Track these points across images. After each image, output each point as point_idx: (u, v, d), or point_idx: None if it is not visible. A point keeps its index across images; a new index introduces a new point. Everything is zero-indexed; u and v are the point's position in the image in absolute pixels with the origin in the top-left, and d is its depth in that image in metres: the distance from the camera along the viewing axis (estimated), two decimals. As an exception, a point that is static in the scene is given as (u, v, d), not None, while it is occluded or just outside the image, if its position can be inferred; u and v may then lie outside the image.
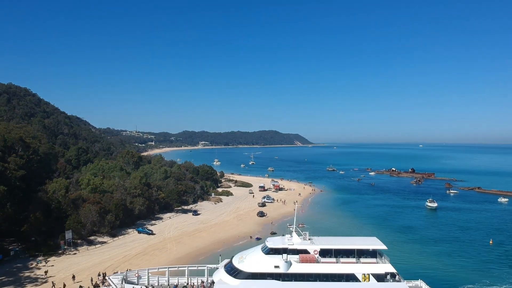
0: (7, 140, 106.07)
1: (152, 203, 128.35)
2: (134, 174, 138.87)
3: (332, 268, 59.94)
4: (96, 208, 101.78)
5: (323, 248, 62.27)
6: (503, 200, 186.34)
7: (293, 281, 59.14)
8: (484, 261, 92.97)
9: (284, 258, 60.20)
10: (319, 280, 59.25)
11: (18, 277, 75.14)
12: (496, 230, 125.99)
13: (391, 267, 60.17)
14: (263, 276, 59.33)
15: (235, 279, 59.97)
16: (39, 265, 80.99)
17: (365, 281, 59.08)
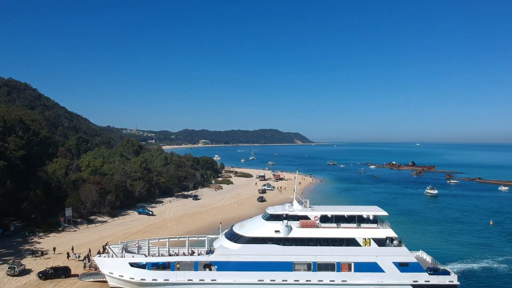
0: (7, 121, 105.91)
1: (152, 187, 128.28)
2: (134, 159, 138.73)
3: (332, 233, 59.91)
4: (97, 188, 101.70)
5: (323, 214, 62.18)
6: (503, 189, 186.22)
7: (294, 245, 59.11)
8: (485, 237, 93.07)
9: (284, 223, 60.11)
10: (319, 244, 59.23)
11: (18, 250, 75.15)
12: (496, 213, 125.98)
13: (392, 231, 60.10)
14: (263, 241, 59.29)
15: (235, 244, 59.97)
16: (39, 237, 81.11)
17: (366, 246, 59.01)
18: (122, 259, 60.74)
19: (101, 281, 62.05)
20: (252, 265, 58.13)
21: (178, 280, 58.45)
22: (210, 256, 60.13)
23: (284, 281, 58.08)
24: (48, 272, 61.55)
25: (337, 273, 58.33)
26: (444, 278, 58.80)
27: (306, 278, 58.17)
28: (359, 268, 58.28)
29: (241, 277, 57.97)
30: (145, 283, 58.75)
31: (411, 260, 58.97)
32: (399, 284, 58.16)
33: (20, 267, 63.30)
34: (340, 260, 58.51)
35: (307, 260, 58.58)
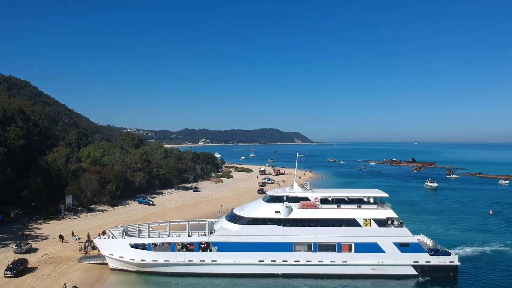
0: (7, 111, 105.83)
1: (153, 178, 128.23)
2: (134, 151, 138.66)
3: (332, 214, 59.92)
4: (97, 178, 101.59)
5: (324, 196, 62.19)
6: (504, 182, 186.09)
7: (294, 226, 59.06)
8: (485, 225, 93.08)
9: (285, 204, 60.07)
10: (319, 225, 59.20)
11: (18, 235, 74.98)
12: (496, 203, 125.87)
13: (392, 212, 60.09)
14: (263, 221, 59.27)
15: (235, 225, 59.98)
16: (39, 224, 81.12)
17: (366, 226, 58.98)
18: (122, 240, 60.73)
19: (101, 263, 61.97)
20: (253, 245, 58.11)
21: (179, 261, 58.41)
22: (210, 237, 60.11)
23: (285, 261, 58.05)
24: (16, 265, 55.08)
25: (337, 254, 58.33)
26: (445, 258, 58.79)
27: (306, 259, 58.15)
28: (360, 249, 58.27)
29: (242, 258, 57.93)
30: (146, 264, 58.71)
31: (412, 240, 58.97)
32: (399, 265, 58.18)
33: (26, 245, 64.56)
34: (341, 240, 58.50)
35: (307, 240, 58.57)
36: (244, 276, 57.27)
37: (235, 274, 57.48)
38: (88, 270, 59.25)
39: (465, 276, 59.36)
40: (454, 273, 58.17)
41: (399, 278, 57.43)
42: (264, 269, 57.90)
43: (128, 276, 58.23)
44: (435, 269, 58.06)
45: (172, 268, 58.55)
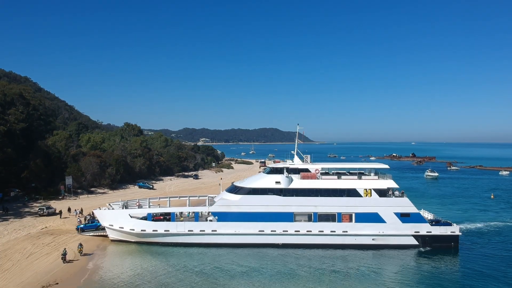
0: (7, 95, 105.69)
1: (153, 165, 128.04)
2: (134, 138, 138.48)
3: (333, 184, 59.70)
4: (97, 161, 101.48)
5: (324, 168, 62.10)
6: (504, 173, 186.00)
7: (294, 196, 58.84)
8: (487, 205, 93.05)
9: (285, 175, 59.92)
10: (320, 195, 58.99)
11: (18, 212, 74.98)
12: (497, 189, 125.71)
13: (393, 182, 59.94)
14: (264, 191, 59.08)
15: (236, 195, 59.87)
16: (39, 203, 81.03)
17: (367, 196, 58.77)
18: (122, 210, 60.65)
19: (101, 235, 61.84)
20: (253, 215, 57.94)
21: (179, 231, 58.23)
22: (210, 207, 59.96)
23: (285, 231, 57.87)
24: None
25: (337, 224, 58.15)
26: (446, 228, 58.64)
27: (306, 229, 57.95)
28: (360, 219, 58.09)
29: (242, 228, 57.75)
30: (146, 234, 58.54)
31: (413, 210, 58.76)
32: (400, 235, 58.00)
33: (49, 209, 71.79)
34: (341, 210, 58.32)
35: (307, 210, 58.40)
36: (244, 246, 57.07)
37: (235, 244, 57.31)
38: (88, 241, 59.05)
39: (466, 246, 59.20)
40: (455, 243, 58.00)
41: (400, 248, 57.14)
42: (264, 239, 57.72)
43: (128, 246, 58.03)
44: (436, 239, 57.87)
45: (172, 238, 58.36)
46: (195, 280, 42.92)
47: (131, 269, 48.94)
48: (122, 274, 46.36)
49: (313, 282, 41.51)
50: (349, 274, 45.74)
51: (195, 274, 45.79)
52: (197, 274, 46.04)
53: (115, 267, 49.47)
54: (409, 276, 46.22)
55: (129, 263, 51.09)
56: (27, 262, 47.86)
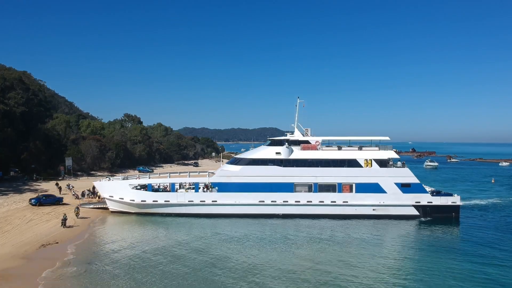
0: (7, 79, 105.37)
1: (153, 152, 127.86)
2: (134, 126, 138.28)
3: (333, 154, 59.59)
4: (97, 144, 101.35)
5: (325, 140, 61.96)
6: (504, 164, 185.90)
7: (295, 167, 58.67)
8: (488, 187, 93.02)
9: (285, 146, 59.77)
10: (320, 165, 58.83)
11: (18, 189, 74.77)
12: (497, 176, 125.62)
13: (393, 153, 59.89)
14: (264, 162, 58.94)
15: (236, 166, 59.84)
16: (39, 182, 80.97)
17: (367, 167, 58.60)
18: (122, 181, 60.64)
19: (101, 207, 61.71)
20: (253, 186, 57.79)
21: (179, 201, 58.09)
22: (211, 178, 59.87)
23: (285, 202, 57.75)
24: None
25: (338, 194, 58.02)
26: (447, 199, 58.56)
27: (307, 199, 57.83)
28: (360, 189, 57.94)
29: (242, 198, 57.61)
30: (146, 204, 58.39)
31: (414, 181, 58.60)
32: (401, 205, 57.83)
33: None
34: (341, 181, 58.18)
35: (308, 181, 58.28)
36: (245, 216, 56.83)
37: (236, 215, 57.07)
38: (88, 212, 58.96)
39: (466, 217, 59.08)
40: (456, 214, 57.84)
41: (401, 219, 56.92)
42: (264, 209, 57.57)
43: (128, 217, 57.85)
44: (437, 209, 57.74)
45: (172, 208, 58.20)
46: (195, 246, 42.43)
47: (129, 232, 49.05)
48: (120, 236, 46.41)
49: (313, 249, 41.12)
50: (350, 242, 45.37)
51: (196, 239, 45.61)
52: (198, 239, 45.88)
53: (114, 232, 49.53)
54: (409, 243, 46.00)
55: (128, 228, 51.18)
56: (27, 226, 47.75)
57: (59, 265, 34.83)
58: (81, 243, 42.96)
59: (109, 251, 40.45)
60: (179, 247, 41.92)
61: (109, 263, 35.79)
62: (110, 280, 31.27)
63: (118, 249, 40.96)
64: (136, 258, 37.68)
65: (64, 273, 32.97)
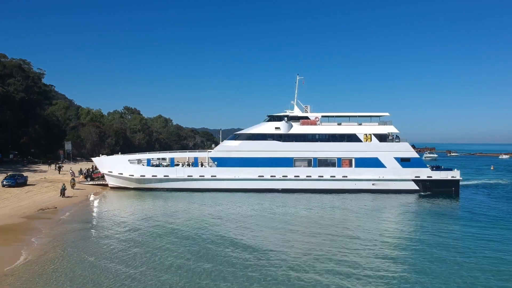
0: (6, 66, 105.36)
1: (152, 141, 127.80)
2: (134, 116, 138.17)
3: (333, 129, 59.49)
4: (96, 131, 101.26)
5: (324, 115, 61.87)
6: (504, 157, 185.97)
7: (294, 142, 58.56)
8: (486, 172, 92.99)
9: (285, 120, 59.65)
10: (320, 140, 58.76)
11: (18, 170, 74.54)
12: (496, 165, 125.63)
13: (393, 128, 59.69)
14: (263, 137, 58.83)
15: (235, 141, 59.78)
16: (38, 165, 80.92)
17: (367, 141, 58.49)
18: (121, 156, 60.58)
19: (101, 184, 61.61)
20: (252, 161, 57.68)
21: (178, 176, 58.01)
22: (210, 152, 59.83)
23: (284, 176, 57.65)
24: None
25: (337, 169, 57.92)
26: (447, 173, 58.57)
27: (306, 174, 57.73)
28: (360, 163, 57.83)
29: (241, 173, 57.48)
30: (145, 179, 58.30)
31: (413, 155, 58.58)
32: (400, 180, 57.74)
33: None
34: (341, 155, 58.09)
35: (307, 156, 58.19)
36: (244, 191, 56.60)
37: (235, 189, 56.85)
38: (87, 187, 58.94)
39: (466, 192, 59.02)
40: (456, 188, 57.75)
41: (400, 193, 56.77)
42: (263, 184, 57.46)
43: (128, 192, 57.68)
44: (437, 184, 57.67)
45: (171, 183, 58.06)
46: (193, 216, 41.69)
47: (127, 201, 49.21)
48: (118, 205, 46.46)
49: (312, 220, 40.56)
50: (350, 209, 45.25)
51: (195, 209, 45.49)
52: (197, 209, 45.78)
53: (112, 201, 49.87)
54: (409, 210, 45.96)
55: (126, 199, 51.23)
56: (26, 196, 47.68)
57: (56, 223, 34.86)
58: (79, 208, 43.13)
59: (106, 214, 40.59)
60: (175, 213, 41.90)
61: (105, 225, 35.90)
62: (104, 239, 30.72)
63: (115, 214, 41.08)
64: (132, 221, 37.66)
65: (62, 229, 32.99)
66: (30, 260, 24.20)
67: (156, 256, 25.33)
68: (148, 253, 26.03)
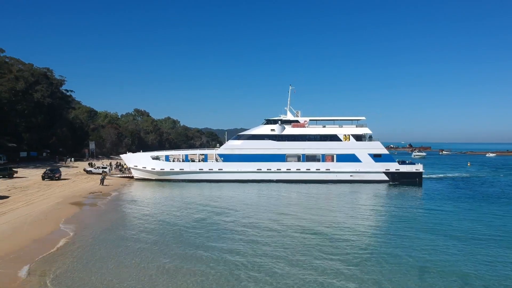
0: (34, 74, 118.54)
1: (163, 141, 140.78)
2: (145, 117, 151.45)
3: (318, 131, 72.20)
4: (115, 132, 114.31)
5: (312, 119, 74.51)
6: (490, 155, 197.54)
7: (286, 141, 71.28)
8: (460, 167, 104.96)
9: (279, 123, 72.36)
10: (307, 140, 71.38)
11: (51, 165, 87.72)
12: (475, 162, 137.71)
13: (368, 129, 72.34)
14: (261, 137, 71.57)
15: (238, 140, 72.50)
16: (69, 162, 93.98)
17: (346, 141, 71.14)
18: (145, 153, 73.45)
19: (127, 176, 74.54)
20: (252, 157, 70.42)
21: (191, 169, 70.86)
22: (217, 150, 72.64)
23: (278, 169, 70.36)
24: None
25: (322, 163, 70.61)
26: (412, 167, 71.10)
27: (296, 167, 70.46)
28: (340, 159, 70.48)
29: (243, 167, 70.21)
30: (164, 172, 71.16)
31: (384, 152, 71.26)
32: (373, 172, 70.32)
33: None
34: (325, 152, 70.78)
35: (297, 152, 70.91)
36: (245, 182, 69.40)
37: (238, 180, 69.67)
38: (118, 179, 71.94)
39: (428, 182, 71.61)
40: (419, 179, 70.24)
41: (373, 183, 69.35)
42: (261, 176, 70.14)
43: (150, 182, 70.56)
44: (403, 175, 70.18)
45: (185, 175, 70.86)
46: (204, 198, 55.06)
47: (151, 188, 61.95)
48: (147, 190, 59.31)
49: (300, 201, 52.74)
50: (330, 197, 57.32)
51: (206, 193, 58.42)
52: (208, 193, 58.68)
53: (140, 187, 62.58)
54: (380, 195, 57.97)
55: (150, 188, 64.01)
56: (73, 184, 60.69)
57: (107, 200, 47.96)
58: (117, 192, 56.23)
59: (138, 195, 53.92)
60: (188, 196, 54.87)
61: (138, 201, 49.12)
62: (139, 209, 43.97)
63: (144, 195, 54.40)
64: (157, 199, 50.83)
65: (113, 203, 46.09)
66: (102, 216, 37.25)
67: (178, 219, 38.29)
68: (170, 216, 39.01)
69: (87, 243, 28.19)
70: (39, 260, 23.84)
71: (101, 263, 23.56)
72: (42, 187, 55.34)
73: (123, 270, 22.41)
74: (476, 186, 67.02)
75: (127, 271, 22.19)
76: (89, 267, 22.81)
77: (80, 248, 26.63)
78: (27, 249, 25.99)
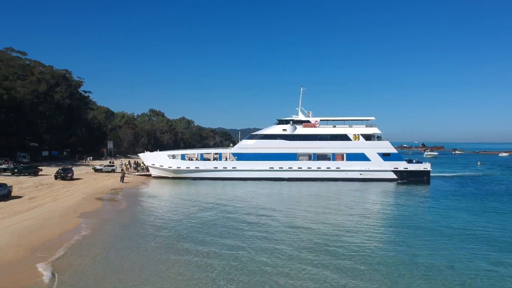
0: (54, 76, 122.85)
1: (178, 141, 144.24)
2: (160, 118, 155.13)
3: (328, 131, 74.53)
4: (132, 132, 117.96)
5: (323, 119, 76.89)
6: (503, 154, 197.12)
7: (298, 141, 73.78)
8: (469, 166, 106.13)
9: (290, 123, 74.85)
10: (318, 140, 73.77)
11: (75, 164, 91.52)
12: (486, 162, 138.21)
13: (377, 129, 74.46)
14: (273, 137, 74.16)
15: (251, 140, 75.23)
16: (88, 161, 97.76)
17: (356, 140, 73.36)
18: (162, 152, 76.67)
19: (145, 174, 77.80)
20: (265, 155, 73.03)
21: (206, 168, 73.78)
22: (231, 149, 75.43)
23: (290, 168, 72.88)
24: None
25: (332, 162, 72.93)
26: (420, 165, 73.06)
27: (307, 166, 72.90)
28: (350, 158, 72.73)
29: (256, 165, 72.87)
30: (180, 170, 74.18)
31: (393, 151, 73.32)
32: (382, 170, 72.41)
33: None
34: (335, 151, 73.09)
35: (308, 151, 73.33)
36: (258, 179, 71.98)
37: (251, 179, 72.29)
38: (136, 177, 75.21)
39: (436, 180, 73.42)
40: (427, 177, 72.11)
41: (382, 181, 71.47)
42: (273, 174, 72.74)
43: (167, 180, 73.61)
44: (411, 174, 72.13)
45: (201, 173, 73.79)
46: (217, 194, 57.94)
47: (168, 185, 64.99)
48: (164, 187, 62.38)
49: (311, 198, 55.36)
50: (341, 194, 59.69)
51: (219, 190, 61.27)
52: (220, 190, 61.53)
53: (158, 185, 65.68)
54: (390, 192, 60.23)
55: (167, 185, 67.05)
56: (95, 182, 64.05)
57: (128, 195, 51.10)
58: (137, 189, 59.44)
59: (157, 192, 57.16)
60: (203, 193, 57.71)
61: (158, 197, 52.20)
62: (159, 203, 47.09)
63: (162, 192, 57.52)
64: (174, 195, 53.98)
65: (133, 199, 49.25)
66: (122, 212, 40.33)
67: (194, 215, 41.16)
68: (185, 211, 41.89)
69: (110, 235, 30.74)
70: (63, 252, 25.53)
71: (120, 257, 24.93)
72: (66, 184, 58.74)
73: (142, 266, 23.04)
74: (482, 185, 68.66)
75: (146, 268, 22.77)
76: (109, 259, 24.42)
77: (100, 242, 28.63)
78: (55, 240, 28.29)
